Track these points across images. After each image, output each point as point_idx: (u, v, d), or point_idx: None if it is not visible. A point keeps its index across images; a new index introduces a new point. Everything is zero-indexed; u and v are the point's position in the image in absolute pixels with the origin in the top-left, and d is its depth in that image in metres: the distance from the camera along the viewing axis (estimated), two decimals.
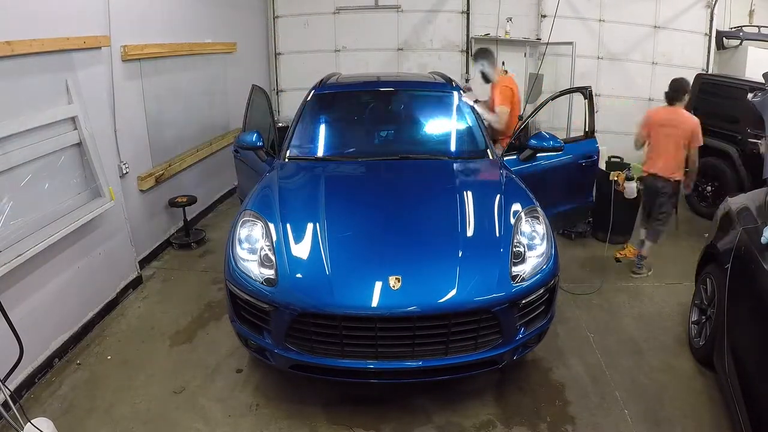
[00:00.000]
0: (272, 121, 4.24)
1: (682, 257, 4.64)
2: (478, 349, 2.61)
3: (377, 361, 2.57)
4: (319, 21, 7.69)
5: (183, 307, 3.89)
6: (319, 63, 7.48)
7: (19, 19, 2.87)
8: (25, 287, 2.96)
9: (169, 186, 4.86)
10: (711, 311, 3.10)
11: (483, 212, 3.05)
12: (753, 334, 2.46)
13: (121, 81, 4.05)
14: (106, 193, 3.56)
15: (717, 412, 2.80)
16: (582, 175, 4.35)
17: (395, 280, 2.53)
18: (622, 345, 3.43)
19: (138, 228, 4.36)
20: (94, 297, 3.66)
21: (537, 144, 3.81)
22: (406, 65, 7.80)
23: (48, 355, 3.15)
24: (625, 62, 7.64)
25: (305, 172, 3.62)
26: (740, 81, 5.61)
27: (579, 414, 2.81)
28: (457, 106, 4.20)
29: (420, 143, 4.07)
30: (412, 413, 2.81)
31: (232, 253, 2.83)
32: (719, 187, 5.61)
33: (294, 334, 2.60)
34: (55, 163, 3.18)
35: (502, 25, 7.45)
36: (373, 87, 4.48)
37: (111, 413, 2.82)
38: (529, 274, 2.69)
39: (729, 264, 2.85)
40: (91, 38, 3.48)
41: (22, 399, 2.86)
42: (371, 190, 3.45)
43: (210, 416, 2.80)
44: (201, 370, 3.17)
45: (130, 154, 4.22)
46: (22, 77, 2.92)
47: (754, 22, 7.30)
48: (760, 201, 3.01)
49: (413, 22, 7.65)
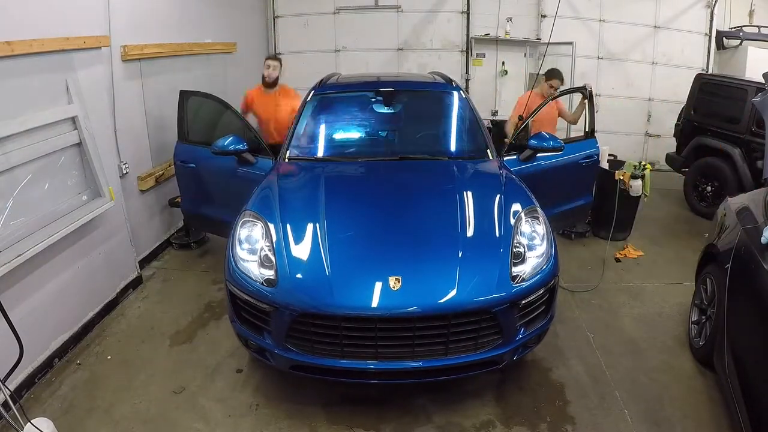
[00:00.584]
0: (245, 121, 4.07)
1: (682, 257, 4.64)
2: (479, 350, 2.61)
3: (377, 361, 2.56)
4: (319, 21, 7.69)
5: (183, 307, 3.89)
6: (319, 63, 7.48)
7: (19, 19, 2.87)
8: (25, 287, 2.96)
9: (169, 186, 4.86)
10: (711, 311, 3.10)
11: (483, 212, 3.05)
12: (753, 334, 2.46)
13: (121, 81, 4.05)
14: (106, 193, 3.56)
15: (717, 412, 2.80)
16: (582, 176, 4.35)
17: (395, 280, 2.53)
18: (622, 345, 3.43)
19: (138, 228, 4.36)
20: (94, 297, 3.66)
21: (537, 144, 3.81)
22: (406, 65, 7.80)
23: (48, 355, 3.15)
24: (625, 62, 7.65)
25: (305, 172, 3.61)
26: (741, 81, 5.62)
27: (579, 414, 2.81)
28: (457, 107, 4.20)
29: (420, 143, 4.06)
30: (412, 413, 2.81)
31: (232, 254, 2.82)
32: (719, 187, 5.62)
33: (294, 335, 2.60)
34: (55, 163, 3.18)
35: (502, 25, 7.46)
36: (373, 87, 4.48)
37: (111, 413, 2.82)
38: (529, 275, 2.69)
39: (729, 264, 2.85)
40: (91, 38, 3.47)
41: (22, 399, 2.86)
42: (371, 190, 3.45)
43: (210, 416, 2.80)
44: (201, 370, 3.17)
45: (130, 154, 4.22)
46: (22, 77, 2.92)
47: (754, 22, 7.31)
48: (760, 201, 3.01)
49: (413, 22, 7.66)
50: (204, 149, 3.91)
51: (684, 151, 6.15)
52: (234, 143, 3.67)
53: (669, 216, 5.92)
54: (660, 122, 7.71)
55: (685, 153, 6.13)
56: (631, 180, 4.76)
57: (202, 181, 4.13)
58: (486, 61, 7.73)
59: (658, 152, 7.54)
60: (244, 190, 3.37)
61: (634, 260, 4.70)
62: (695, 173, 5.99)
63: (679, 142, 6.33)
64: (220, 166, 3.92)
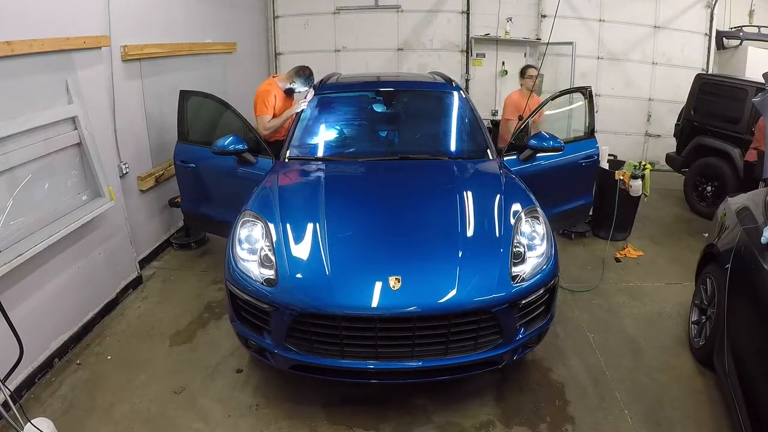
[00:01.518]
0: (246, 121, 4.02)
1: (682, 257, 4.64)
2: (478, 350, 2.61)
3: (377, 361, 2.56)
4: (319, 21, 7.69)
5: (183, 307, 3.89)
6: (319, 63, 7.46)
7: (19, 19, 2.87)
8: (25, 287, 2.96)
9: (169, 186, 4.86)
10: (711, 311, 3.10)
11: (483, 212, 3.05)
12: (753, 334, 2.46)
13: (121, 81, 4.05)
14: (106, 193, 3.55)
15: (717, 412, 2.80)
16: (582, 176, 4.35)
17: (395, 280, 2.52)
18: (622, 345, 3.43)
19: (138, 228, 4.36)
20: (94, 297, 3.66)
21: (537, 144, 3.81)
22: (406, 65, 7.80)
23: (48, 355, 3.15)
24: (625, 62, 7.66)
25: (305, 172, 3.61)
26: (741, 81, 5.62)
27: (579, 414, 2.81)
28: (457, 107, 4.20)
29: (420, 143, 4.06)
30: (412, 413, 2.81)
31: (232, 254, 2.82)
32: (719, 187, 5.62)
33: (294, 335, 2.60)
34: (55, 163, 3.18)
35: (502, 25, 7.46)
36: (373, 87, 4.48)
37: (111, 413, 2.81)
38: (529, 275, 2.69)
39: (729, 264, 2.85)
40: (91, 38, 3.47)
41: (22, 399, 2.86)
42: (371, 190, 3.45)
43: (210, 416, 2.80)
44: (201, 370, 3.17)
45: (130, 154, 4.22)
46: (22, 77, 2.92)
47: (754, 22, 7.31)
48: (760, 201, 3.01)
49: (413, 22, 7.66)
50: (204, 149, 3.91)
51: (684, 151, 6.16)
52: (234, 143, 3.67)
53: (669, 216, 5.92)
54: (660, 122, 7.71)
55: (685, 153, 6.13)
56: (631, 180, 4.78)
57: (202, 181, 4.13)
58: (486, 61, 7.73)
59: (658, 152, 7.54)
60: (245, 190, 3.37)
61: (634, 260, 4.70)
62: (695, 173, 5.99)
63: (679, 142, 6.33)
64: (220, 166, 3.92)
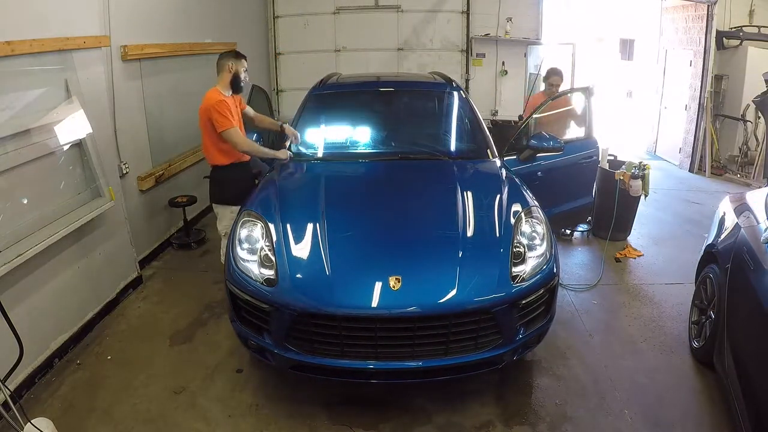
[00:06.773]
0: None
1: (682, 257, 4.64)
2: (478, 350, 2.61)
3: (377, 361, 2.56)
4: (319, 21, 7.70)
5: (183, 307, 3.89)
6: (319, 63, 7.49)
7: (19, 19, 2.87)
8: (25, 287, 2.96)
9: (169, 186, 4.86)
10: (711, 311, 3.10)
11: (483, 212, 3.05)
12: (753, 334, 2.46)
13: (120, 81, 4.05)
14: (106, 193, 3.55)
15: (717, 412, 2.80)
16: (582, 175, 4.36)
17: (395, 280, 2.52)
18: (622, 345, 3.43)
19: (138, 228, 4.36)
20: (94, 297, 3.66)
21: (537, 144, 3.81)
22: (406, 65, 7.81)
23: (48, 355, 3.15)
24: None
25: (305, 172, 3.61)
26: None
27: (579, 414, 2.80)
28: (457, 107, 4.20)
29: (420, 143, 4.06)
30: (412, 413, 2.81)
31: (232, 254, 2.82)
32: None
33: (294, 335, 2.60)
34: (55, 163, 3.18)
35: (502, 25, 7.47)
36: (373, 87, 4.48)
37: (111, 413, 2.81)
38: (529, 275, 2.69)
39: (729, 264, 2.85)
40: (91, 38, 3.48)
41: (22, 399, 2.85)
42: (371, 190, 3.45)
43: (210, 416, 2.80)
44: (201, 370, 3.17)
45: (130, 154, 4.22)
46: (22, 77, 2.92)
47: (754, 22, 7.30)
48: (760, 201, 3.01)
49: (413, 22, 7.66)
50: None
51: None
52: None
53: (669, 216, 5.92)
54: None
55: None
56: (631, 180, 4.76)
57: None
58: (486, 61, 7.74)
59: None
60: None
61: (634, 260, 4.70)
62: None
63: None
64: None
